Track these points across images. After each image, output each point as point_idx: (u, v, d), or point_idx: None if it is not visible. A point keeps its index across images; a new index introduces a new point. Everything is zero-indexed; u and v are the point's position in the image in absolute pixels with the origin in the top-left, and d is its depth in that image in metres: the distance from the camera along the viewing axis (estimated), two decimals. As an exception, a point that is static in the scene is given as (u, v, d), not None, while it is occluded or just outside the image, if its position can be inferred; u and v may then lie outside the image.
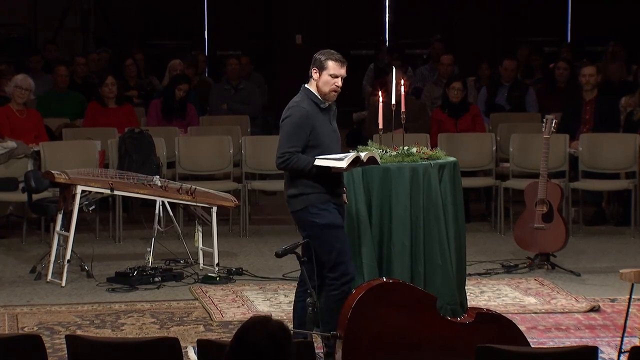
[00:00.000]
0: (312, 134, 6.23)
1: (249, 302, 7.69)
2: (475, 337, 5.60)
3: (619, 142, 10.04)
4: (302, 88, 6.39)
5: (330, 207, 6.25)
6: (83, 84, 12.04)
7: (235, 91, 11.87)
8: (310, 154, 6.22)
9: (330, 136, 6.33)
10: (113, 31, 15.50)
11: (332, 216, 6.24)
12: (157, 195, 8.45)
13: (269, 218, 10.73)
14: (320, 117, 6.30)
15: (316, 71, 6.33)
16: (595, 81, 10.35)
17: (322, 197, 6.24)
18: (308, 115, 6.22)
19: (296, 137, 6.20)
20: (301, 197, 6.25)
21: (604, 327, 7.11)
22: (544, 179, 8.52)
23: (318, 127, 6.25)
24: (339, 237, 6.26)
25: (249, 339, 3.69)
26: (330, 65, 6.31)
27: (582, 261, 8.91)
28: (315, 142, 6.24)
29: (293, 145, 6.20)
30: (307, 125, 6.21)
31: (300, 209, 6.28)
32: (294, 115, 6.24)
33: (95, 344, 4.87)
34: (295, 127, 6.21)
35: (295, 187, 6.27)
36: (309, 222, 6.25)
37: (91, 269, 8.42)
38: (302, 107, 6.25)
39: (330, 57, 6.35)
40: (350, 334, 5.71)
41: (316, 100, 6.31)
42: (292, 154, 6.20)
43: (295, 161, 6.19)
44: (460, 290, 7.11)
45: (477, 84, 12.58)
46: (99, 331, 7.03)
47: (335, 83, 6.31)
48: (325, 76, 6.30)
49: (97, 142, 9.89)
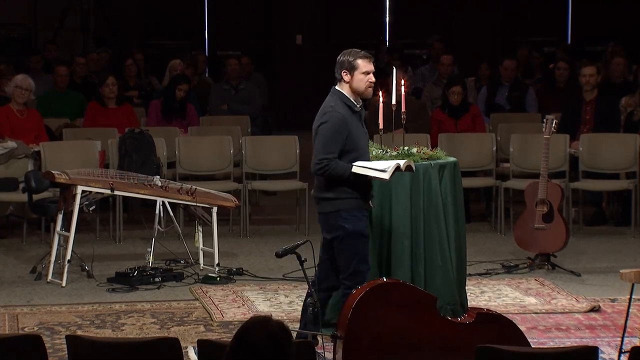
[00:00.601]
0: (348, 139, 6.25)
1: (249, 303, 7.69)
2: (475, 338, 5.60)
3: (619, 142, 10.04)
4: (333, 91, 6.38)
5: (360, 214, 6.27)
6: (83, 84, 12.04)
7: (236, 91, 11.87)
8: (346, 158, 6.23)
9: (364, 139, 6.36)
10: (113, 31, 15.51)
11: (360, 224, 6.27)
12: (157, 196, 8.44)
13: (269, 218, 10.73)
14: (354, 120, 6.31)
15: (346, 73, 6.33)
16: (595, 81, 10.35)
17: (356, 203, 6.27)
18: (345, 121, 6.24)
19: (334, 143, 6.21)
20: (335, 201, 6.28)
21: (604, 327, 7.11)
22: (544, 179, 8.52)
23: (353, 131, 6.27)
24: (363, 246, 6.29)
25: (249, 339, 3.69)
26: (361, 64, 6.34)
27: (583, 261, 8.90)
28: (351, 147, 6.25)
29: (330, 152, 6.21)
30: (344, 131, 6.23)
31: (331, 212, 6.29)
32: (332, 121, 6.24)
33: (96, 344, 4.87)
34: (333, 133, 6.22)
35: (330, 191, 6.28)
36: (338, 225, 6.27)
37: (91, 269, 8.42)
38: (339, 112, 6.26)
39: (358, 56, 6.38)
40: (350, 334, 5.71)
41: (349, 103, 6.32)
42: (330, 161, 6.21)
43: (334, 167, 6.21)
44: (460, 290, 7.12)
45: (477, 84, 12.59)
46: (99, 331, 7.03)
47: (369, 79, 6.32)
48: (359, 75, 6.31)
49: (97, 142, 9.88)
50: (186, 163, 10.15)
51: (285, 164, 10.23)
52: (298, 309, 7.44)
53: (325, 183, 6.31)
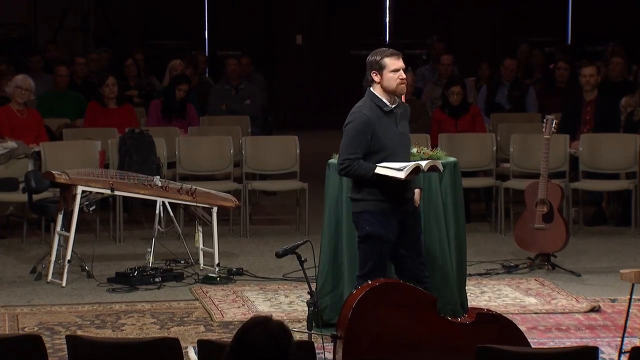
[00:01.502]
0: (374, 140, 6.21)
1: (249, 303, 7.69)
2: (475, 338, 5.60)
3: (619, 142, 10.04)
4: (367, 92, 6.38)
5: (385, 218, 6.22)
6: (83, 84, 12.04)
7: (236, 91, 11.87)
8: (374, 159, 6.21)
9: (395, 140, 6.28)
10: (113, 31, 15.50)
11: (381, 228, 6.23)
12: (157, 196, 8.44)
13: (269, 218, 10.74)
14: (385, 120, 6.26)
15: (376, 73, 6.31)
16: (595, 81, 10.34)
17: (380, 205, 6.23)
18: (369, 121, 6.22)
19: (357, 143, 6.20)
20: (361, 202, 6.28)
21: (605, 327, 7.11)
22: (545, 179, 8.52)
23: (380, 132, 6.22)
24: (380, 251, 6.25)
25: (250, 339, 3.69)
26: (388, 62, 6.30)
27: (583, 261, 8.90)
28: (378, 147, 6.22)
29: (353, 152, 6.20)
30: (368, 131, 6.20)
31: (357, 212, 6.32)
32: (355, 121, 6.24)
33: (96, 344, 4.87)
34: (356, 133, 6.21)
35: (358, 191, 6.30)
36: (361, 226, 6.30)
37: (91, 269, 8.42)
38: (363, 113, 6.25)
39: (384, 55, 6.34)
40: (350, 334, 5.71)
41: (380, 103, 6.29)
42: (353, 161, 6.20)
43: (356, 168, 6.20)
44: (460, 290, 7.12)
45: (477, 84, 12.59)
46: (99, 331, 7.03)
47: (399, 77, 6.29)
48: (388, 74, 6.29)
49: (97, 142, 9.88)
50: (186, 163, 10.15)
51: (285, 164, 10.23)
52: (298, 309, 7.45)
53: (355, 184, 6.33)
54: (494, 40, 16.00)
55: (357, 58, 16.19)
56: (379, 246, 6.26)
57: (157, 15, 16.40)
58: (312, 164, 10.11)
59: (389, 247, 6.28)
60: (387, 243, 6.27)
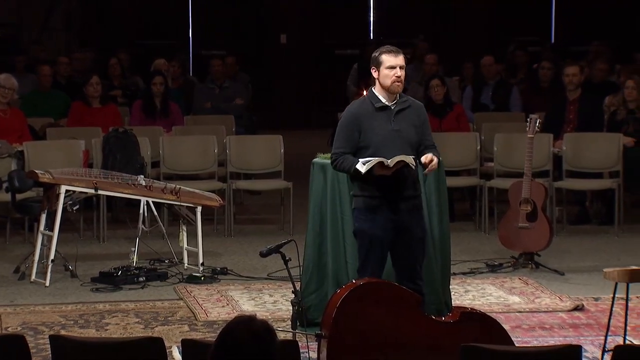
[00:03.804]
0: (363, 135, 6.26)
1: (233, 302, 7.68)
2: (459, 337, 5.61)
3: (602, 141, 10.07)
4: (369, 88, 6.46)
5: (372, 215, 6.22)
6: (67, 83, 12.01)
7: (220, 90, 11.85)
8: (363, 154, 6.24)
9: (385, 135, 6.27)
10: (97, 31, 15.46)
11: (369, 225, 6.24)
12: (141, 195, 8.43)
13: (253, 218, 10.73)
14: (374, 116, 6.28)
15: (374, 70, 6.36)
16: (578, 81, 10.38)
17: (369, 202, 6.26)
18: (355, 117, 6.28)
19: (343, 138, 6.28)
20: (354, 198, 6.36)
21: (588, 326, 7.13)
22: (528, 178, 8.54)
23: (368, 128, 6.25)
24: (367, 247, 6.26)
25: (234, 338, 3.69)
26: (385, 59, 6.35)
27: (566, 260, 8.93)
28: (366, 143, 6.26)
29: (339, 147, 6.28)
30: (354, 127, 6.26)
31: (353, 208, 6.41)
32: (343, 117, 6.38)
33: (79, 344, 4.86)
34: (342, 129, 6.31)
35: (352, 188, 6.42)
36: (353, 222, 6.39)
37: (75, 269, 8.40)
38: (350, 109, 6.36)
39: (382, 52, 6.39)
40: (335, 334, 5.71)
41: (373, 100, 6.32)
42: (339, 156, 6.27)
43: (341, 162, 6.27)
44: (444, 289, 7.13)
45: (461, 83, 12.61)
46: (83, 331, 7.01)
47: (395, 74, 6.32)
48: (384, 70, 6.32)
49: (81, 141, 9.86)
50: (170, 162, 10.13)
51: (270, 163, 10.23)
52: (282, 308, 7.44)
53: (351, 180, 6.41)
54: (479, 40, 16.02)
55: (341, 57, 16.21)
56: (366, 243, 6.28)
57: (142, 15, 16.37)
58: (297, 164, 10.11)
59: (377, 243, 6.27)
60: (375, 240, 6.26)
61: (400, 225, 6.29)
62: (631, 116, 10.24)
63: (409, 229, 6.32)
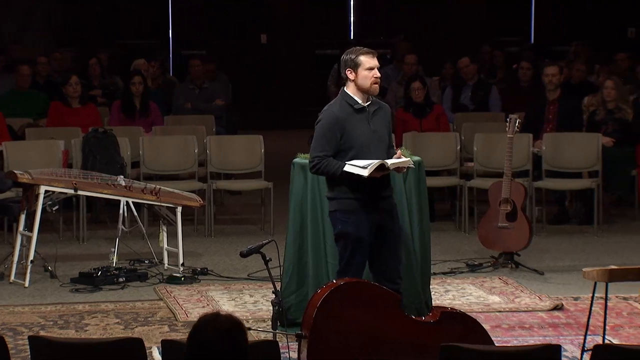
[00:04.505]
0: (344, 137, 6.22)
1: (214, 302, 7.67)
2: (439, 336, 5.62)
3: (581, 141, 10.11)
4: (341, 90, 6.39)
5: (356, 216, 6.22)
6: (46, 83, 11.97)
7: (200, 90, 11.84)
8: (345, 157, 6.21)
9: (367, 137, 6.27)
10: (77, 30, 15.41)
11: (352, 227, 6.23)
12: (121, 195, 8.41)
13: (234, 218, 10.72)
14: (355, 118, 6.26)
15: (351, 71, 6.30)
16: (558, 81, 10.42)
17: (352, 204, 6.24)
18: (337, 119, 6.23)
19: (326, 141, 6.22)
20: (334, 201, 6.31)
21: (567, 325, 7.16)
22: (508, 178, 8.57)
23: (350, 130, 6.23)
24: (352, 249, 6.26)
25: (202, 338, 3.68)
26: (364, 60, 6.30)
27: (546, 260, 8.96)
28: (348, 145, 6.23)
29: (322, 150, 6.22)
30: (337, 129, 6.21)
31: (331, 211, 6.35)
32: (324, 120, 6.27)
33: (59, 344, 4.84)
34: (325, 131, 6.23)
35: (331, 190, 6.33)
36: (335, 225, 6.33)
37: (54, 270, 8.37)
38: (332, 111, 6.28)
39: (360, 53, 6.33)
40: (315, 334, 5.71)
41: (350, 101, 6.29)
42: (322, 159, 6.22)
43: (325, 166, 6.22)
44: (425, 289, 7.14)
45: (441, 83, 12.63)
46: (62, 332, 6.99)
47: (374, 75, 6.29)
48: (362, 72, 6.28)
49: (60, 141, 9.83)
50: (150, 163, 10.11)
51: (250, 163, 10.22)
52: (263, 308, 7.44)
53: (329, 183, 6.35)
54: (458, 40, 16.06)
55: (322, 57, 16.21)
56: (350, 244, 6.27)
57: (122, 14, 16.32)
58: (277, 164, 10.11)
59: (361, 245, 6.28)
60: (359, 241, 6.27)
61: (380, 225, 6.31)
62: (610, 116, 10.28)
63: (389, 229, 6.35)
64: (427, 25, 16.61)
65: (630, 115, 10.28)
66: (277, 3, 16.68)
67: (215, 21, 16.62)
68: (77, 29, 15.60)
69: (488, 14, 16.69)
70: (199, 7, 16.61)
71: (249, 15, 16.64)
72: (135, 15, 16.31)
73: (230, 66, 14.69)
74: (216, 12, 16.64)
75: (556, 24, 16.59)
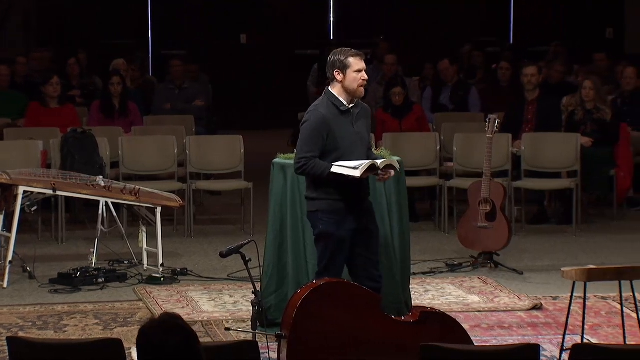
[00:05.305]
0: (330, 138, 6.20)
1: (193, 303, 7.66)
2: (419, 336, 5.63)
3: (560, 141, 10.15)
4: (325, 91, 6.35)
5: (339, 217, 6.21)
6: (24, 83, 11.92)
7: (180, 91, 11.82)
8: (330, 158, 6.19)
9: (351, 138, 6.26)
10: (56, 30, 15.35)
11: (335, 227, 6.22)
12: (100, 196, 8.38)
13: (213, 218, 10.71)
14: (340, 119, 6.24)
15: (339, 72, 6.27)
16: (536, 81, 10.46)
17: (335, 204, 6.22)
18: (325, 120, 6.20)
19: (313, 142, 6.18)
20: (316, 201, 6.27)
21: (546, 325, 7.18)
22: (487, 178, 8.59)
23: (336, 131, 6.21)
24: (333, 249, 6.24)
25: (152, 342, 3.70)
26: (353, 62, 6.28)
27: (525, 260, 8.99)
28: (334, 146, 6.21)
29: (309, 151, 6.19)
30: (324, 130, 6.18)
31: (312, 211, 6.32)
32: (311, 120, 6.22)
33: (38, 345, 4.82)
34: (312, 132, 6.19)
35: (313, 190, 6.29)
36: (316, 225, 6.30)
37: (33, 270, 8.33)
38: (319, 112, 6.23)
39: (349, 55, 6.31)
40: (295, 334, 5.71)
41: (336, 102, 6.27)
42: (309, 160, 6.18)
43: (312, 167, 6.18)
44: (404, 289, 7.15)
45: (421, 84, 12.65)
46: (41, 333, 6.96)
47: (362, 77, 6.28)
48: (351, 74, 6.26)
49: (39, 142, 9.79)
50: (130, 163, 10.08)
51: (230, 163, 10.21)
52: (243, 309, 7.43)
53: (311, 183, 6.31)
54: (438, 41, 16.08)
55: (301, 57, 16.21)
56: (332, 245, 6.26)
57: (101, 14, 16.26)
58: (257, 164, 10.09)
59: (342, 245, 6.27)
60: (341, 242, 6.26)
61: (361, 225, 6.32)
62: (589, 116, 10.33)
63: (369, 228, 6.36)
64: (406, 26, 16.63)
65: (608, 115, 10.33)
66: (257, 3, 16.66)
67: (195, 21, 16.59)
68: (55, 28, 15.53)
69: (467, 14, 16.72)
70: (178, 6, 16.58)
71: (229, 16, 16.62)
72: (114, 15, 16.25)
73: (210, 66, 14.67)
74: (196, 12, 16.61)
75: (535, 25, 16.64)
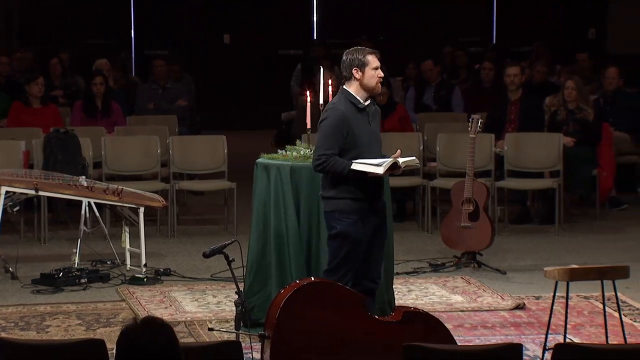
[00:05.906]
0: (349, 136, 6.20)
1: (176, 303, 7.65)
2: (402, 336, 5.64)
3: (543, 141, 10.18)
4: (341, 90, 6.35)
5: (357, 217, 6.19)
6: (7, 83, 11.88)
7: (163, 91, 11.79)
8: (348, 156, 6.18)
9: (369, 137, 6.28)
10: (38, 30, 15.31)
11: (352, 228, 6.20)
12: (82, 196, 8.36)
13: (196, 218, 10.69)
14: (358, 117, 6.25)
15: (357, 70, 6.28)
16: (519, 81, 10.48)
17: (353, 204, 6.21)
18: (345, 117, 6.20)
19: (333, 139, 6.17)
20: (333, 200, 6.25)
21: (529, 324, 7.20)
22: (470, 178, 8.60)
23: (355, 129, 6.21)
24: (348, 250, 6.22)
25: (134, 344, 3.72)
26: (371, 59, 6.31)
27: (508, 259, 9.01)
28: (353, 144, 6.20)
29: (330, 148, 6.17)
30: (344, 128, 6.18)
31: (329, 211, 6.29)
32: (331, 117, 6.22)
33: (20, 346, 4.81)
34: (333, 129, 6.19)
35: (331, 189, 6.26)
36: (332, 225, 6.27)
37: (16, 271, 8.30)
38: (339, 109, 6.23)
39: (366, 53, 6.34)
40: (278, 334, 5.71)
41: (354, 100, 6.28)
42: (329, 157, 6.16)
43: (333, 164, 6.17)
44: (388, 289, 7.16)
45: (404, 84, 12.66)
46: (23, 333, 6.94)
47: (379, 75, 6.31)
48: (370, 71, 6.28)
49: (21, 142, 9.76)
50: (112, 163, 10.06)
51: (213, 163, 10.20)
52: (226, 309, 7.43)
53: (328, 182, 6.28)
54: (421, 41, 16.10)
55: (285, 57, 16.20)
56: (347, 246, 6.23)
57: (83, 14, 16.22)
58: (240, 164, 10.08)
59: (358, 246, 6.25)
60: (357, 243, 6.24)
61: (377, 225, 6.33)
62: (571, 116, 10.36)
63: (383, 229, 6.38)
64: (389, 26, 16.65)
65: (591, 115, 10.36)
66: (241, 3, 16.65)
67: (178, 21, 16.56)
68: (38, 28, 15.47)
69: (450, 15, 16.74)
70: (161, 6, 16.54)
71: (212, 16, 16.60)
72: (97, 15, 16.21)
73: (193, 66, 14.64)
74: (179, 12, 16.58)
75: (518, 25, 16.68)
